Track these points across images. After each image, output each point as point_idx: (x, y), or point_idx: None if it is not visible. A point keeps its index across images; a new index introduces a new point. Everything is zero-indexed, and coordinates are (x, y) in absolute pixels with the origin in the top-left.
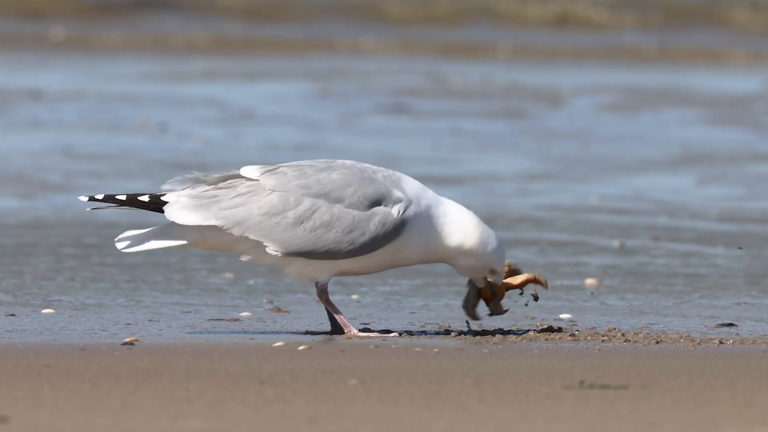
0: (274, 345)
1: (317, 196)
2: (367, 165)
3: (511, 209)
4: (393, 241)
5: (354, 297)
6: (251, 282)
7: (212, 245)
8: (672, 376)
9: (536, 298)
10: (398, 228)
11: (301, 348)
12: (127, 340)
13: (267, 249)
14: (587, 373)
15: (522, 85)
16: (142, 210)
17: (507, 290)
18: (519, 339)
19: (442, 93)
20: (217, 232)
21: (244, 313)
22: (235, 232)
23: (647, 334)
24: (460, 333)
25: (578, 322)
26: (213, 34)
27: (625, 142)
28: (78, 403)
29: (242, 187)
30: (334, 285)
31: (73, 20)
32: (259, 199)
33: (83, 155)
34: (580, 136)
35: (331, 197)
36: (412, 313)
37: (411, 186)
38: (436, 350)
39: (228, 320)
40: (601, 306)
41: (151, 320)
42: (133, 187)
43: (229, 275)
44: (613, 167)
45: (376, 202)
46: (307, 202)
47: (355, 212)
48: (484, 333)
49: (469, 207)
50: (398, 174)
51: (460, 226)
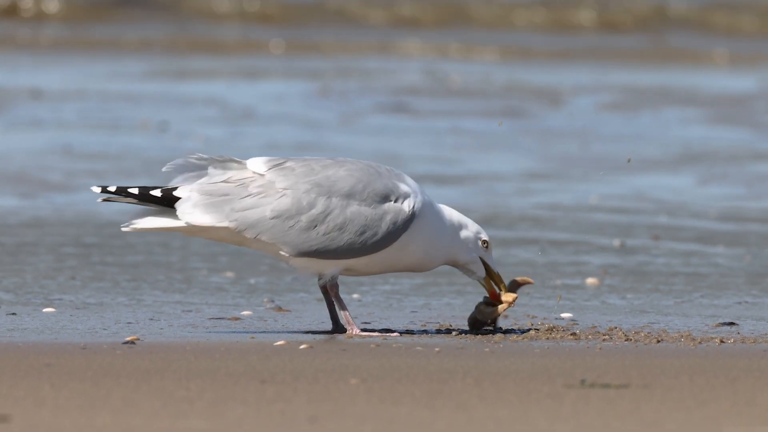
0: (275, 344)
1: (329, 194)
2: (368, 161)
3: (512, 208)
4: (404, 234)
5: (355, 296)
6: (252, 281)
7: (220, 237)
8: (673, 375)
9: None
10: (408, 223)
11: (302, 347)
12: (128, 339)
13: (280, 251)
14: (588, 372)
15: (522, 85)
16: (152, 206)
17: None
18: (520, 338)
19: (443, 92)
20: (229, 231)
21: (245, 312)
22: (249, 234)
23: (648, 333)
24: (461, 332)
25: (579, 321)
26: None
27: (625, 142)
28: (79, 402)
29: (253, 186)
30: None
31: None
32: (271, 201)
33: (84, 154)
34: (581, 135)
35: (342, 194)
36: (413, 312)
37: (411, 180)
38: (437, 349)
39: (229, 319)
40: (602, 305)
41: (152, 319)
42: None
43: (230, 274)
44: (613, 166)
45: (386, 198)
46: (320, 205)
47: (367, 212)
48: (485, 332)
49: (469, 206)
50: (396, 169)
51: (452, 210)
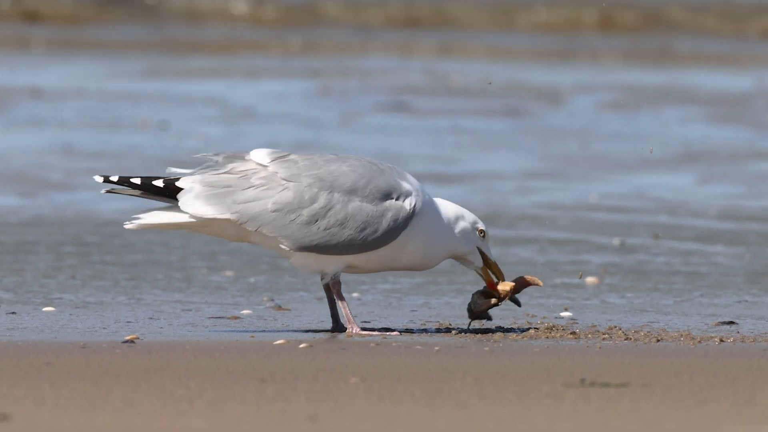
0: (275, 343)
1: (331, 188)
2: (370, 158)
3: (512, 207)
4: (403, 233)
5: (355, 295)
6: (252, 280)
7: (221, 231)
8: (673, 374)
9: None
10: (408, 220)
11: (301, 346)
12: (128, 338)
13: (280, 245)
14: (588, 371)
15: (522, 84)
16: (154, 197)
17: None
18: (520, 337)
19: (443, 91)
20: (230, 224)
21: (245, 311)
22: (250, 227)
23: (648, 332)
24: (461, 331)
25: (579, 320)
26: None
27: (625, 141)
28: (79, 401)
29: (255, 177)
30: None
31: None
32: (273, 194)
33: (84, 153)
34: (581, 134)
35: (344, 189)
36: (412, 311)
37: (412, 177)
38: (436, 348)
39: (229, 318)
40: (602, 304)
41: (151, 318)
42: None
43: (229, 273)
44: (613, 165)
45: (387, 195)
46: (321, 200)
47: (369, 208)
48: (484, 331)
49: (469, 205)
50: (398, 167)
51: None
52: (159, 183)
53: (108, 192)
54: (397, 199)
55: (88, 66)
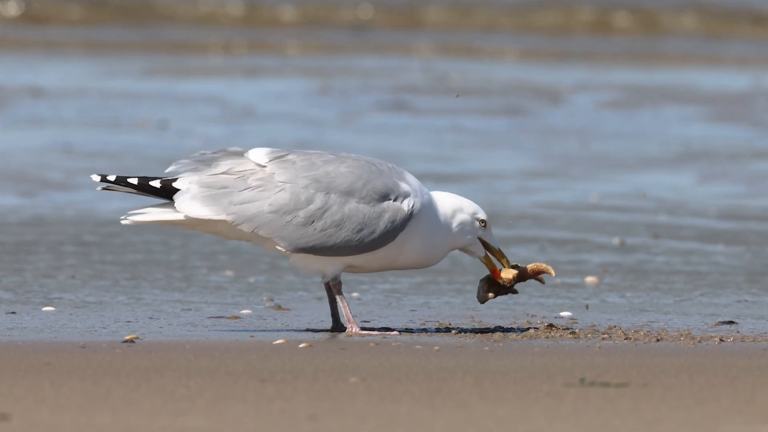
0: (275, 343)
1: (327, 190)
2: (371, 158)
3: (512, 207)
4: (401, 234)
5: (355, 294)
6: (252, 280)
7: (219, 231)
8: (672, 373)
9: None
10: (406, 222)
11: (301, 346)
12: (128, 337)
13: (277, 246)
14: (588, 371)
15: (522, 83)
16: (151, 197)
17: (520, 278)
18: (520, 337)
19: (443, 90)
20: (227, 224)
21: (245, 311)
22: (246, 228)
23: (648, 332)
24: (461, 331)
25: (579, 320)
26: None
27: (625, 140)
28: (79, 401)
29: (252, 179)
30: None
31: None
32: (269, 195)
33: (83, 153)
34: (581, 133)
35: (341, 191)
36: (412, 310)
37: (412, 178)
38: (436, 348)
39: (228, 318)
40: (602, 303)
41: (151, 318)
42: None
43: (229, 273)
44: (613, 164)
45: (385, 196)
46: (318, 201)
47: (365, 209)
48: (484, 331)
49: None
50: (398, 167)
51: (446, 198)
52: (156, 183)
53: (104, 189)
54: (394, 200)
55: (89, 65)
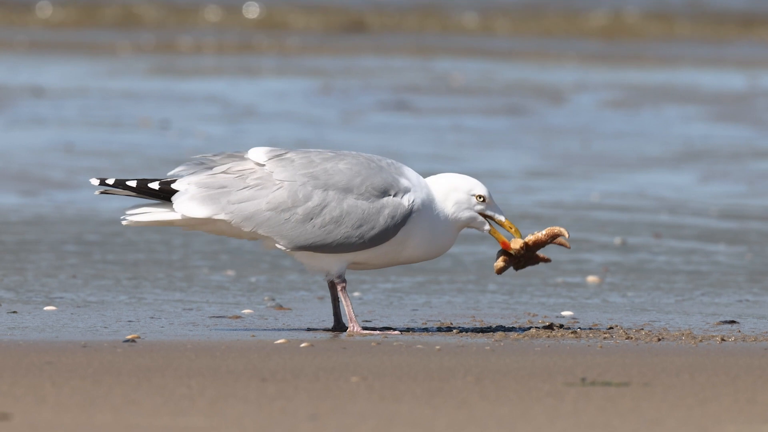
0: (276, 342)
1: (326, 187)
2: (371, 155)
3: (513, 206)
4: (402, 229)
5: (356, 294)
6: (253, 279)
7: (219, 230)
8: (674, 373)
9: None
10: (406, 217)
11: (302, 345)
12: (129, 337)
13: (277, 245)
14: (589, 371)
15: (523, 82)
16: (150, 199)
17: (534, 245)
18: (521, 336)
19: (444, 90)
20: (226, 223)
21: (246, 311)
22: (244, 227)
23: (649, 331)
24: (462, 330)
25: (580, 319)
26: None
27: (626, 139)
28: (80, 400)
29: (251, 178)
30: None
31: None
32: (267, 194)
33: (85, 152)
34: (582, 132)
35: (339, 188)
36: (414, 310)
37: (412, 172)
38: (437, 347)
39: (230, 317)
40: (603, 303)
41: (152, 317)
42: None
43: (230, 273)
44: (614, 164)
45: (384, 192)
46: (316, 198)
47: (365, 205)
48: (486, 330)
49: None
50: (398, 163)
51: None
52: (155, 185)
53: (102, 193)
54: (394, 196)
55: (89, 65)
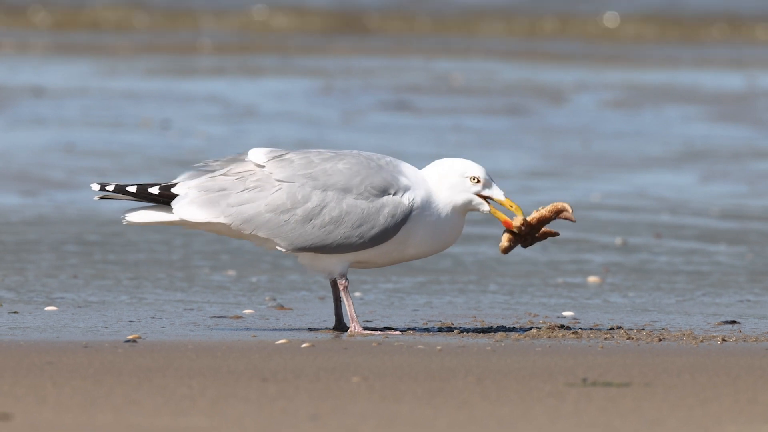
0: (277, 342)
1: (324, 187)
2: (371, 153)
3: None
4: (403, 228)
5: (357, 294)
6: (254, 279)
7: (219, 231)
8: (674, 373)
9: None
10: (407, 216)
11: (303, 345)
12: (130, 337)
13: (277, 246)
14: (590, 371)
15: (524, 82)
16: (151, 203)
17: (539, 223)
18: (522, 336)
19: (444, 90)
20: (226, 225)
21: (247, 311)
22: (244, 229)
23: (650, 331)
24: (463, 330)
25: (581, 319)
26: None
27: (627, 139)
28: (81, 400)
29: (251, 180)
30: None
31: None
32: (266, 195)
33: (86, 152)
34: (583, 132)
35: (338, 188)
36: (415, 310)
37: (411, 169)
38: (438, 348)
39: (231, 318)
40: (604, 303)
41: (153, 317)
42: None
43: (231, 273)
44: (615, 164)
45: (384, 191)
46: (315, 198)
47: (364, 205)
48: (487, 330)
49: None
50: (396, 160)
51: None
52: (154, 190)
53: (102, 198)
54: (394, 194)
55: (90, 65)
